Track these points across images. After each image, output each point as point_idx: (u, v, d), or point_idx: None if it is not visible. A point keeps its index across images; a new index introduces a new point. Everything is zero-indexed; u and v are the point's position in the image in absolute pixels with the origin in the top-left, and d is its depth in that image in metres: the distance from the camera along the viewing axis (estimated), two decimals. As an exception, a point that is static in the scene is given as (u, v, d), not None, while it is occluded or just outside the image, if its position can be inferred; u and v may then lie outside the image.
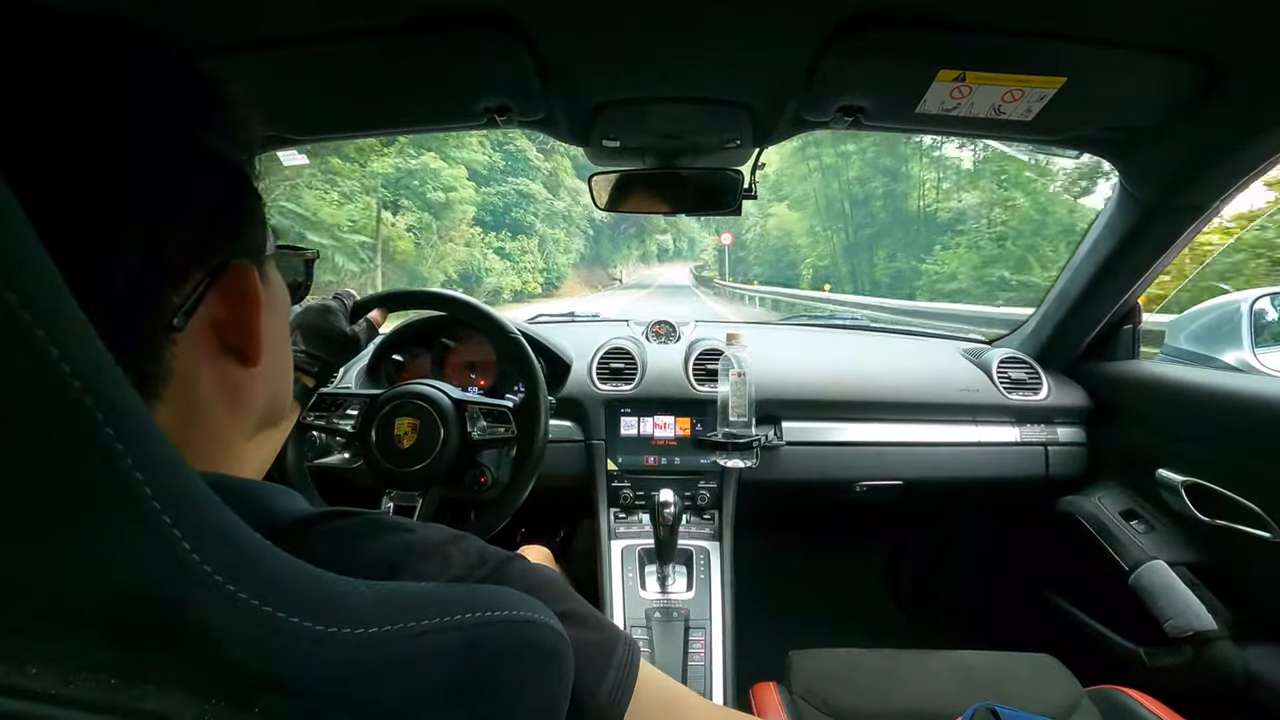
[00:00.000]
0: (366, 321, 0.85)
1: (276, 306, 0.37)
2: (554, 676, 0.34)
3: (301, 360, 0.76)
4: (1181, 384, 1.06)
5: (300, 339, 0.78)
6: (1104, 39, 0.65)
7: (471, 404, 0.90)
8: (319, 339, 0.78)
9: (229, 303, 0.31)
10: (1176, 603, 0.97)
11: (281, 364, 0.38)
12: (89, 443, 0.19)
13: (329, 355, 0.79)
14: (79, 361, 0.18)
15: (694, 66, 0.76)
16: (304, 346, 0.77)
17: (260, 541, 0.24)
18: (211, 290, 0.30)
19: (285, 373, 0.39)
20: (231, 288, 0.31)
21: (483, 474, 0.92)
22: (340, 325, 0.80)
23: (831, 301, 11.58)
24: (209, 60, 0.31)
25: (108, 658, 0.21)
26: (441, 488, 0.90)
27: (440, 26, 0.66)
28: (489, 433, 0.89)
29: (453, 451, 0.87)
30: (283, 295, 0.38)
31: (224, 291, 0.30)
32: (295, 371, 0.75)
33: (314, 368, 0.77)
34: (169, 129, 0.28)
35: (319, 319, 0.80)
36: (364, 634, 0.24)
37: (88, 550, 0.19)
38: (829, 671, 0.93)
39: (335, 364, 0.80)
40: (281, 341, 0.38)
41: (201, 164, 0.29)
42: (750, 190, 1.03)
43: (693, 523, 1.16)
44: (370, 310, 0.86)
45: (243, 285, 0.31)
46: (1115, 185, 1.00)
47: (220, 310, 0.30)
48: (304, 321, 0.79)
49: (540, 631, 0.33)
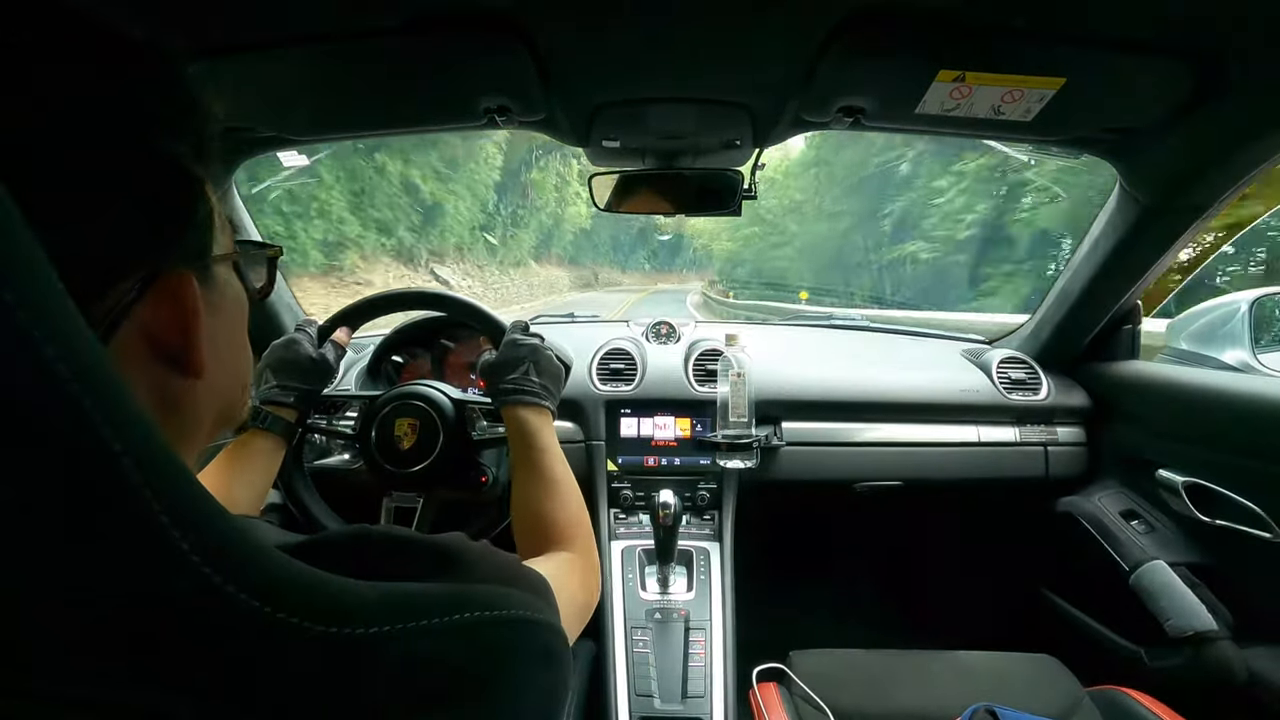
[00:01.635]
0: (332, 343, 0.85)
1: (228, 311, 0.35)
2: (554, 676, 0.34)
3: (277, 395, 0.77)
4: (1181, 384, 1.06)
5: (270, 375, 0.79)
6: (1104, 39, 0.65)
7: (471, 404, 0.90)
8: (288, 370, 0.79)
9: (163, 313, 0.29)
10: (1177, 603, 0.97)
11: (233, 370, 0.37)
12: (87, 443, 0.19)
13: (303, 384, 0.79)
14: (75, 362, 0.18)
15: (694, 67, 0.76)
16: (275, 382, 0.78)
17: (256, 540, 0.24)
18: (142, 301, 0.28)
19: (238, 379, 0.38)
20: (166, 297, 0.29)
21: (484, 474, 0.91)
22: (307, 352, 0.81)
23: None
24: (209, 60, 0.31)
25: (106, 657, 0.21)
26: (443, 489, 0.89)
27: (440, 26, 0.66)
28: (489, 432, 0.89)
29: (453, 451, 0.86)
30: (236, 299, 0.36)
31: (157, 301, 0.28)
32: (274, 407, 0.76)
33: (289, 398, 0.78)
34: (89, 121, 0.26)
35: (284, 351, 0.80)
36: (364, 633, 0.24)
37: (86, 550, 0.19)
38: (829, 672, 0.93)
39: (312, 390, 0.81)
40: (235, 348, 0.37)
41: (130, 162, 0.27)
42: (750, 190, 1.03)
43: (693, 523, 1.16)
44: (333, 332, 0.86)
45: (179, 294, 0.29)
46: (1115, 185, 1.00)
47: (154, 320, 0.28)
48: (271, 359, 0.80)
49: (537, 630, 0.33)
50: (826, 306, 12.44)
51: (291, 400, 0.78)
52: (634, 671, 0.95)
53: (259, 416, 0.74)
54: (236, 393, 0.38)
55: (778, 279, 20.43)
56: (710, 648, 0.98)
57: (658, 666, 0.96)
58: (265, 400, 0.76)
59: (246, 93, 0.80)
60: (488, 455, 0.92)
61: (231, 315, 0.36)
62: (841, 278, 17.09)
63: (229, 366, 0.36)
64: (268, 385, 0.78)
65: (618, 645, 0.98)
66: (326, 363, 0.83)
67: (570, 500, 0.64)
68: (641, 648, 0.98)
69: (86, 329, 0.20)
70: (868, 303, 14.50)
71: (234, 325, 0.36)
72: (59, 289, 0.19)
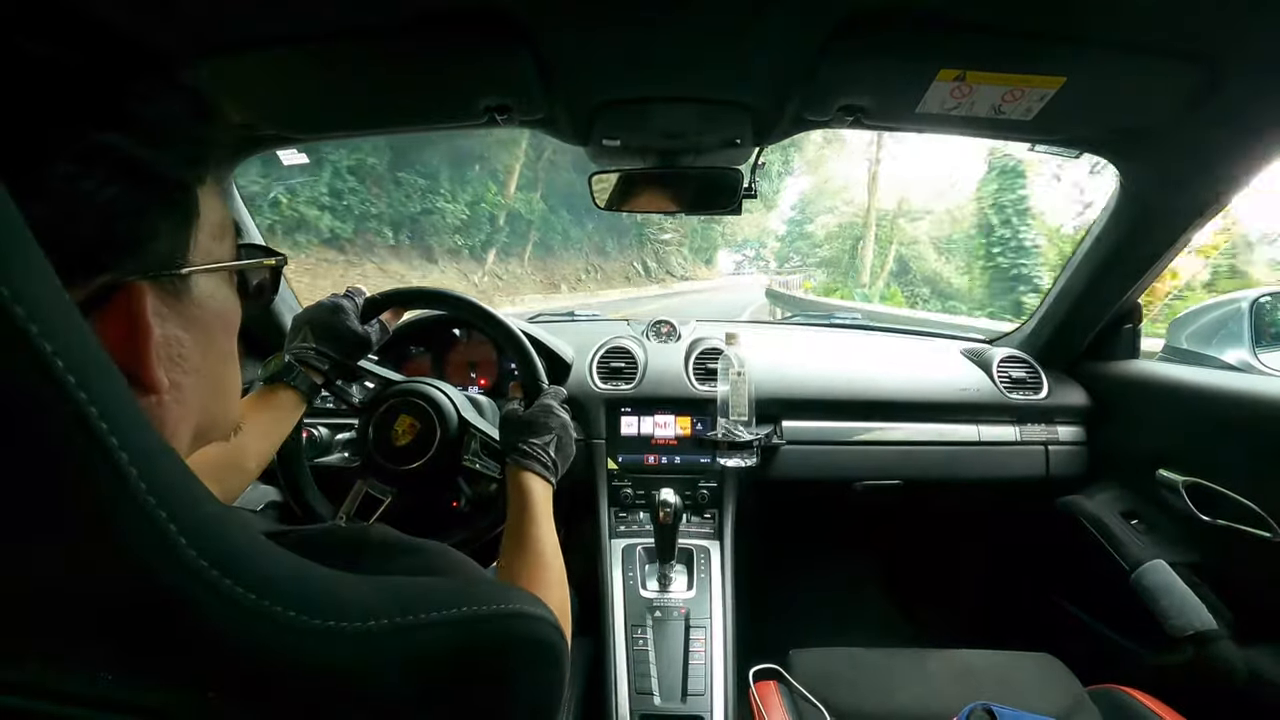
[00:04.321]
0: (379, 323, 0.84)
1: (206, 323, 0.33)
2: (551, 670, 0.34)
3: (310, 356, 0.76)
4: (1182, 384, 1.06)
5: (310, 335, 0.77)
6: (1104, 39, 0.65)
7: (474, 430, 0.87)
8: (329, 337, 0.78)
9: (111, 329, 0.27)
10: (1177, 602, 0.97)
11: (214, 384, 0.34)
12: (83, 439, 0.19)
13: (339, 354, 0.79)
14: (71, 356, 0.18)
15: (694, 66, 0.76)
16: (314, 344, 0.77)
17: (255, 536, 0.24)
18: (89, 316, 0.26)
19: (220, 392, 0.36)
20: (114, 313, 0.27)
21: (456, 498, 0.90)
22: (351, 325, 0.80)
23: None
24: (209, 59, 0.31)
25: (105, 653, 0.21)
26: (415, 495, 0.88)
27: (440, 26, 0.66)
28: (479, 464, 0.86)
29: (439, 466, 0.85)
30: (220, 311, 0.34)
31: (105, 317, 0.26)
32: (304, 368, 0.74)
33: (324, 365, 0.77)
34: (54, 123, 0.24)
35: (330, 316, 0.79)
36: (361, 628, 0.24)
37: (84, 545, 0.19)
38: (829, 670, 0.93)
39: (345, 364, 0.80)
40: (216, 360, 0.34)
41: (89, 169, 0.25)
42: (751, 190, 1.03)
43: (693, 522, 1.16)
44: (383, 310, 0.85)
45: (129, 311, 0.27)
46: (1115, 185, 1.00)
47: (103, 336, 0.26)
48: (314, 318, 0.79)
49: (538, 626, 0.33)
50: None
51: (326, 367, 0.77)
52: (634, 669, 0.95)
53: (290, 372, 0.74)
54: (219, 406, 0.36)
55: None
56: (710, 646, 0.98)
57: (658, 664, 0.96)
58: (300, 359, 0.76)
59: (246, 91, 0.80)
60: (467, 483, 0.91)
61: (210, 327, 0.33)
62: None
63: (209, 380, 0.34)
64: (305, 344, 0.77)
65: (618, 643, 0.99)
66: (369, 340, 0.82)
67: (554, 584, 0.62)
68: (641, 645, 0.98)
69: (83, 324, 0.20)
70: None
71: (214, 337, 0.34)
72: (56, 284, 0.19)
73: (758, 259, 33.73)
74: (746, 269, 34.11)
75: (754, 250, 33.92)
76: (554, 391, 0.83)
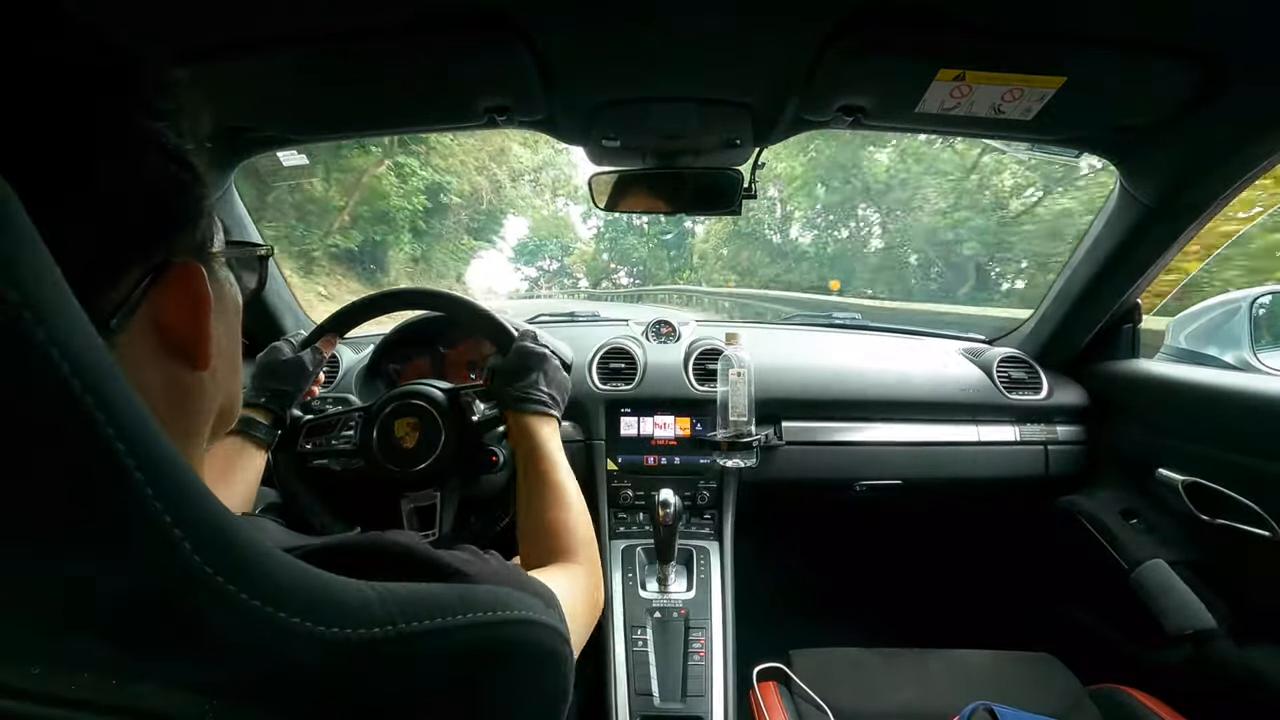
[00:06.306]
0: (314, 348, 0.86)
1: (225, 307, 0.36)
2: (555, 676, 0.34)
3: (249, 396, 0.78)
4: (1181, 383, 1.06)
5: (252, 381, 0.80)
6: (1104, 39, 0.65)
7: (464, 390, 0.89)
8: (268, 374, 0.81)
9: (175, 302, 0.29)
10: (1176, 601, 0.98)
11: (232, 365, 0.37)
12: (89, 443, 0.19)
13: (278, 385, 0.81)
14: (78, 361, 0.18)
15: (694, 66, 0.76)
16: (250, 385, 0.79)
17: (260, 542, 0.24)
18: (155, 289, 0.28)
19: (237, 374, 0.38)
20: (177, 286, 0.29)
21: (493, 453, 0.90)
22: (283, 356, 0.83)
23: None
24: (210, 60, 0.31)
25: (109, 658, 0.21)
26: (456, 479, 0.88)
27: (440, 26, 0.66)
28: (486, 414, 0.87)
29: (457, 440, 0.86)
30: (233, 297, 0.37)
31: (169, 290, 0.29)
32: (252, 409, 0.77)
33: (260, 398, 0.79)
34: (107, 112, 0.26)
35: (264, 357, 0.83)
36: (365, 634, 0.24)
37: (88, 550, 0.19)
38: (830, 670, 0.93)
39: (288, 391, 0.82)
40: (232, 342, 0.37)
41: (141, 152, 0.27)
42: (750, 190, 1.03)
43: (693, 522, 1.16)
44: (317, 340, 0.87)
45: (190, 284, 0.30)
46: (1115, 184, 1.00)
47: (165, 310, 0.29)
48: (256, 363, 0.82)
49: (541, 632, 0.33)
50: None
51: (263, 401, 0.79)
52: (634, 670, 0.95)
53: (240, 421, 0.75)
54: (236, 389, 0.38)
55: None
56: (710, 646, 0.98)
57: (658, 665, 0.96)
58: (246, 404, 0.78)
59: (246, 92, 0.80)
60: (491, 436, 0.90)
61: (228, 309, 0.36)
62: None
63: (230, 361, 0.36)
64: (248, 391, 0.79)
65: (618, 644, 0.99)
66: (302, 364, 0.84)
67: (577, 511, 0.64)
68: (641, 646, 0.98)
69: (91, 329, 0.20)
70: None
71: (230, 319, 0.37)
72: (64, 289, 0.19)
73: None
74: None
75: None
76: (522, 333, 0.84)
